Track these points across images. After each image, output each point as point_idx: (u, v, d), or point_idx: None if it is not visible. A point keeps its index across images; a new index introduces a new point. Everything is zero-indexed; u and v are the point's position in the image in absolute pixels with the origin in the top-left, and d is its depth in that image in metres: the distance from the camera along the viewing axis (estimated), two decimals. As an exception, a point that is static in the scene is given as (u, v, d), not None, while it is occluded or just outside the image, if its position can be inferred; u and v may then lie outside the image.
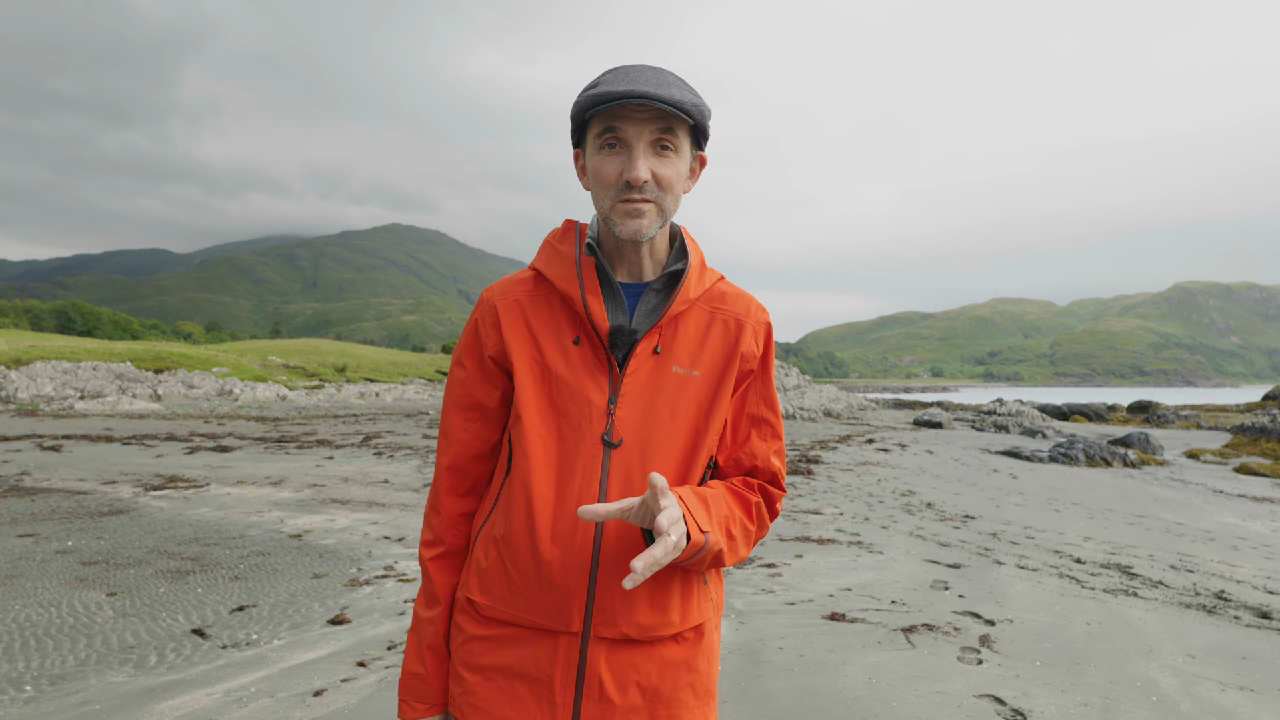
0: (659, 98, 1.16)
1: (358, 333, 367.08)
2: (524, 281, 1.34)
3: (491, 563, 1.27)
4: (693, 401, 1.28)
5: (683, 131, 1.23)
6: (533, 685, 1.24)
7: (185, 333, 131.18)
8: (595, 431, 1.24)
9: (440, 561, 1.36)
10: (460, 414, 1.35)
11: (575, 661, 1.22)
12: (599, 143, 1.22)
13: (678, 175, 1.24)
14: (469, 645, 1.29)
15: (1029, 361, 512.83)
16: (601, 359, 1.27)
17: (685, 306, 1.30)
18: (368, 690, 3.43)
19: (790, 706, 3.28)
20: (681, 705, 1.27)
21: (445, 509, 1.36)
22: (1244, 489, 12.52)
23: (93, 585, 5.03)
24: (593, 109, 1.19)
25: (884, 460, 13.88)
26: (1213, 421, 30.64)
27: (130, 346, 45.02)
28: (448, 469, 1.36)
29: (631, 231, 1.22)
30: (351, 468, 11.31)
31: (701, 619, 1.31)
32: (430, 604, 1.35)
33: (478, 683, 1.27)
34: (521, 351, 1.29)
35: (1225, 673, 3.84)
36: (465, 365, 1.35)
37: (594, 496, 1.22)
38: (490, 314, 1.32)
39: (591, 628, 1.22)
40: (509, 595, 1.25)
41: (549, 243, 1.36)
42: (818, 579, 5.38)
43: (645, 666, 1.24)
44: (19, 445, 13.35)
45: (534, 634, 1.24)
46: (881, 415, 32.71)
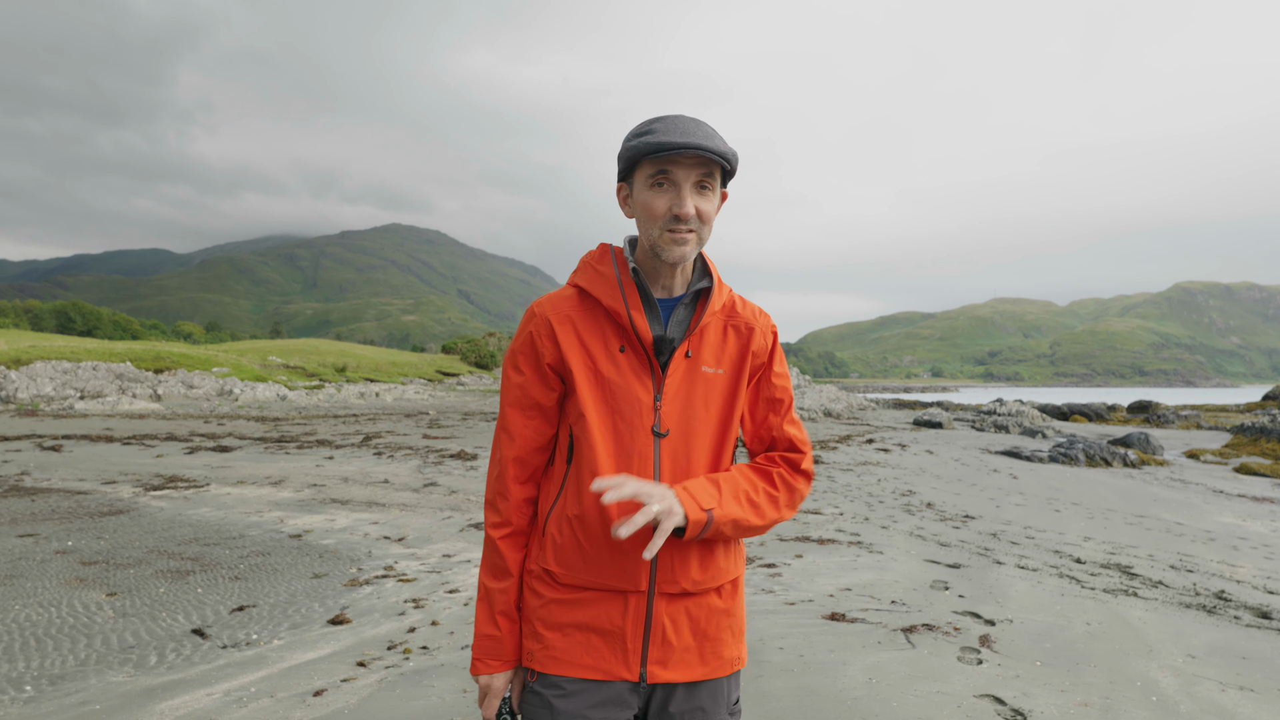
0: (708, 149, 1.40)
1: (358, 333, 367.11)
2: (570, 298, 1.56)
3: (566, 538, 1.50)
4: (719, 394, 1.55)
5: (718, 174, 1.48)
6: (607, 637, 1.49)
7: (185, 333, 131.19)
8: (646, 425, 1.49)
9: (510, 540, 1.57)
10: (521, 413, 1.57)
11: (643, 614, 1.49)
12: (650, 181, 1.46)
13: (713, 210, 1.49)
14: (548, 608, 1.52)
15: (1029, 361, 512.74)
16: (645, 364, 1.51)
17: (710, 319, 1.55)
18: (368, 690, 3.43)
19: (790, 706, 3.28)
20: (723, 643, 1.55)
21: (512, 495, 1.57)
22: (1244, 489, 12.51)
23: (93, 585, 5.03)
24: (650, 154, 1.42)
25: (884, 460, 13.88)
26: (1213, 421, 30.63)
27: (130, 346, 45.01)
28: (513, 460, 1.57)
29: (677, 257, 1.47)
30: (351, 468, 11.30)
31: (737, 573, 1.60)
32: (500, 576, 1.56)
33: (556, 638, 1.51)
34: (578, 361, 1.51)
35: (1225, 673, 3.83)
36: (524, 371, 1.56)
37: (650, 476, 1.48)
38: (545, 327, 1.53)
39: (656, 585, 1.49)
40: (583, 564, 1.49)
41: (589, 264, 1.57)
42: (818, 579, 5.38)
43: (696, 613, 1.52)
44: (19, 445, 13.35)
45: (606, 595, 1.49)
46: (881, 415, 32.70)
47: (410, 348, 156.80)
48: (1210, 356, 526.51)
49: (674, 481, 1.48)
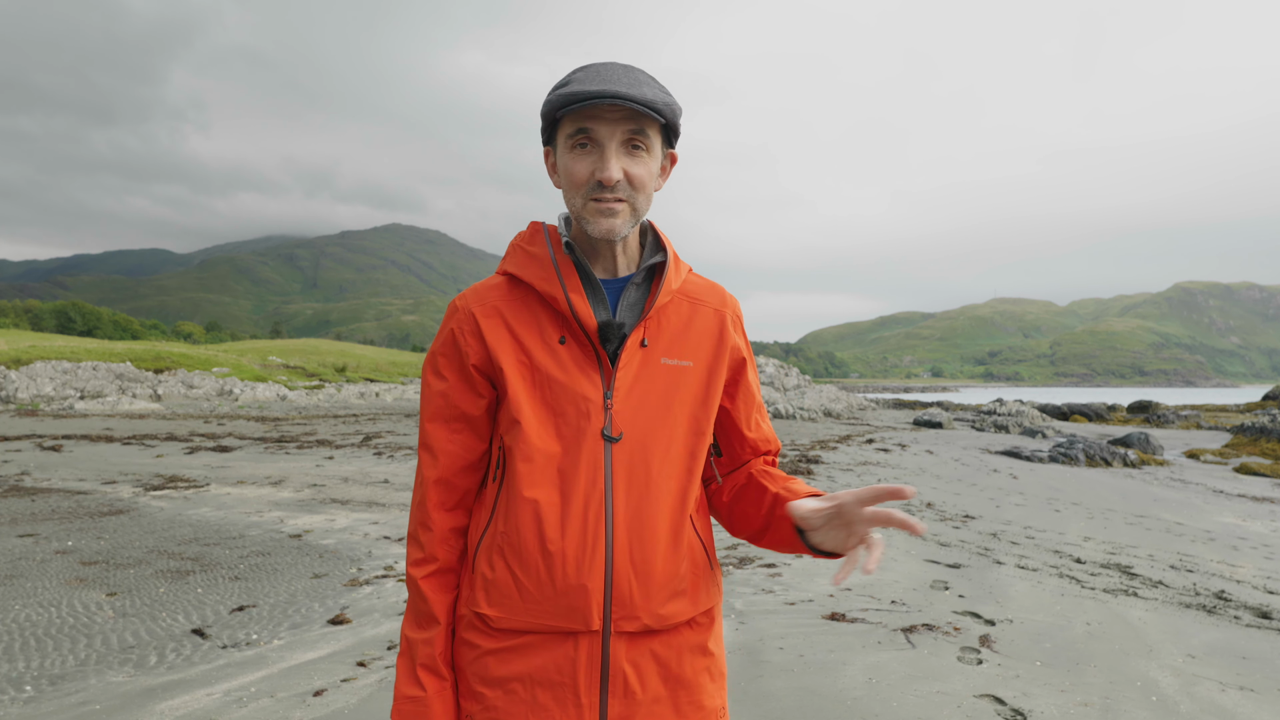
0: (631, 97, 1.16)
1: (358, 333, 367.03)
2: (498, 287, 1.32)
3: (499, 573, 1.24)
4: (686, 391, 1.30)
5: (654, 130, 1.23)
6: (556, 690, 1.22)
7: (185, 333, 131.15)
8: (595, 428, 1.23)
9: (434, 579, 1.30)
10: (444, 426, 1.32)
11: (598, 659, 1.21)
12: (570, 142, 1.22)
13: (649, 174, 1.24)
14: (484, 660, 1.25)
15: (1029, 361, 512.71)
16: (591, 355, 1.27)
17: (667, 299, 1.31)
18: (368, 690, 3.43)
19: (790, 706, 3.28)
20: (701, 689, 1.28)
21: (436, 524, 1.31)
22: (1244, 489, 12.52)
23: (93, 585, 5.03)
24: (564, 108, 1.19)
25: (884, 460, 13.87)
26: (1213, 421, 30.64)
27: (130, 346, 45.02)
28: (435, 483, 1.31)
29: (604, 230, 1.22)
30: (351, 468, 11.30)
31: (712, 603, 1.33)
32: (425, 624, 1.29)
33: (497, 697, 1.24)
34: (509, 357, 1.27)
35: (1225, 673, 3.83)
36: (445, 376, 1.31)
37: (601, 492, 1.22)
38: (469, 322, 1.29)
39: (612, 623, 1.22)
40: (521, 603, 1.22)
41: (518, 245, 1.34)
42: (818, 579, 5.38)
43: (665, 655, 1.25)
44: (19, 445, 13.35)
45: (552, 638, 1.22)
46: (881, 415, 32.70)
47: (410, 348, 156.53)
48: (1210, 356, 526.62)
49: (629, 496, 1.23)
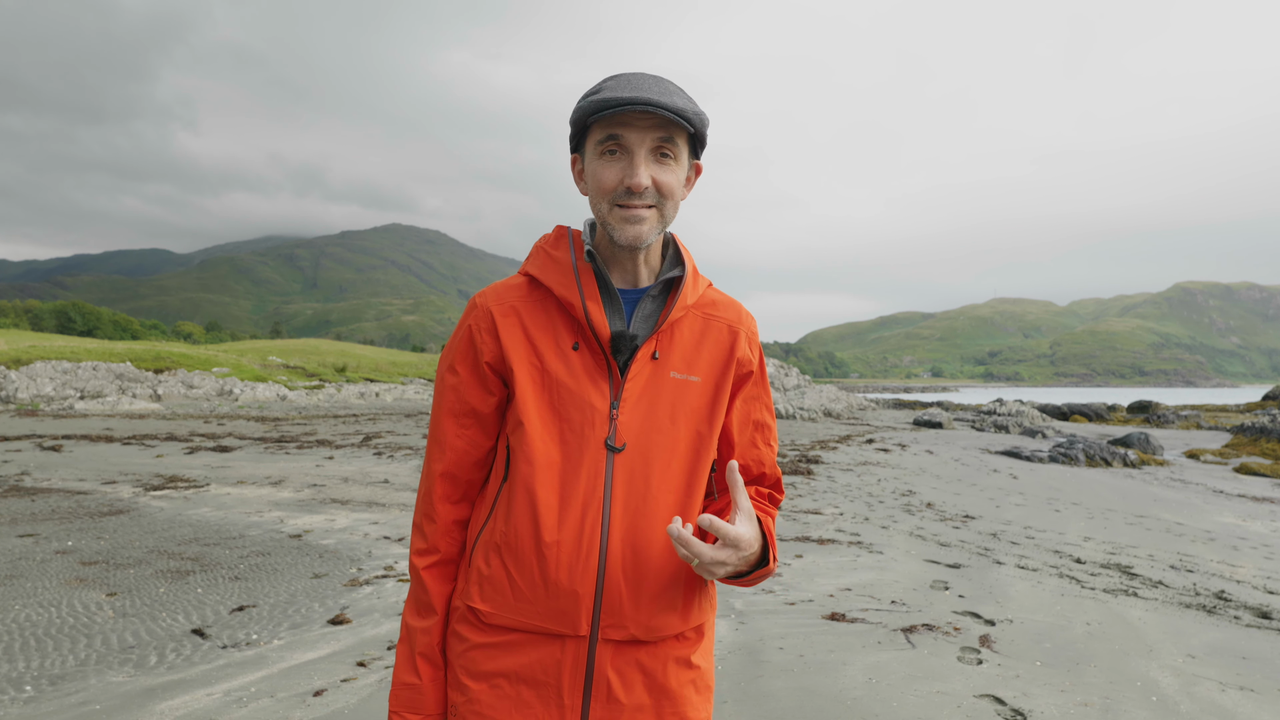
0: (662, 104, 1.18)
1: (358, 333, 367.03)
2: (518, 287, 1.34)
3: (494, 570, 1.27)
4: (692, 406, 1.30)
5: (682, 140, 1.25)
6: (540, 690, 1.24)
7: (185, 333, 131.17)
8: (598, 436, 1.25)
9: (435, 570, 1.35)
10: (454, 420, 1.34)
11: (583, 664, 1.24)
12: (600, 149, 1.23)
13: (677, 182, 1.26)
14: (471, 653, 1.28)
15: (1029, 361, 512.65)
16: (602, 364, 1.28)
17: (682, 313, 1.32)
18: (368, 690, 3.43)
19: (790, 706, 3.28)
20: (686, 702, 1.30)
21: (440, 516, 1.35)
22: (1244, 489, 12.52)
23: (93, 585, 5.03)
24: (596, 114, 1.21)
25: (884, 460, 13.87)
26: (1213, 421, 30.62)
27: (130, 346, 45.02)
28: (441, 475, 1.35)
29: (631, 237, 1.24)
30: (351, 468, 11.30)
31: (703, 619, 1.34)
32: (424, 613, 1.34)
33: (482, 690, 1.27)
34: (521, 358, 1.29)
35: (1225, 673, 3.83)
36: (459, 371, 1.34)
37: (599, 500, 1.24)
38: (486, 320, 1.31)
39: (599, 630, 1.24)
40: (513, 601, 1.25)
41: (542, 248, 1.36)
42: (818, 579, 5.38)
43: (651, 665, 1.27)
44: (19, 445, 13.35)
45: (540, 639, 1.25)
46: (881, 415, 32.70)
47: (410, 348, 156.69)
48: (1210, 356, 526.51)
49: (626, 507, 1.25)
